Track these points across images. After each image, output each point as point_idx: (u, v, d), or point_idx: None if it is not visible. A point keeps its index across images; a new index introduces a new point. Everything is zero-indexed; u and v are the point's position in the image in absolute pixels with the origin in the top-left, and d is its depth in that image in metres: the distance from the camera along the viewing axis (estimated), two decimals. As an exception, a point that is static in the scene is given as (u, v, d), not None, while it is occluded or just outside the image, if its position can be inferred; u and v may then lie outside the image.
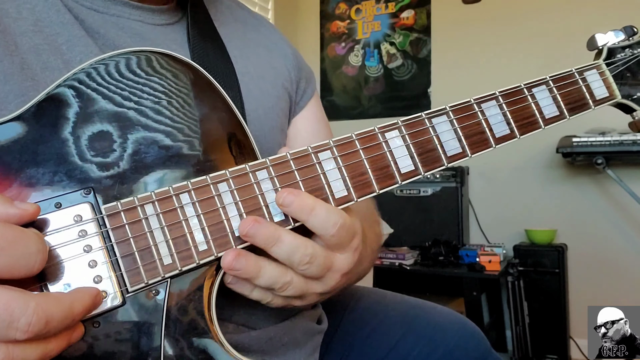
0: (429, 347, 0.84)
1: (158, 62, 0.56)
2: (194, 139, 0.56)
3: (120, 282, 0.50)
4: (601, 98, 0.72)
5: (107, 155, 0.52)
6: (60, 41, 0.63)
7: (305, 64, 0.95)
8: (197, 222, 0.52)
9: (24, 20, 0.62)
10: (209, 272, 0.54)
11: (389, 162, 0.60)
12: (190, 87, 0.57)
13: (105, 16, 0.69)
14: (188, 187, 0.53)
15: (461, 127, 0.64)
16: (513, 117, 0.66)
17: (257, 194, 0.55)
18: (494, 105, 0.66)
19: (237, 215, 0.54)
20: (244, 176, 0.55)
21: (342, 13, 3.59)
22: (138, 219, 0.51)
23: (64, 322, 0.42)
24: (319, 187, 0.57)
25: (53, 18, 0.64)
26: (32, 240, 0.43)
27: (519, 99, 0.67)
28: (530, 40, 2.97)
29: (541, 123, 0.68)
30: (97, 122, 0.53)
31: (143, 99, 0.55)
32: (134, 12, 0.72)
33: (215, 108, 0.58)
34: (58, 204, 0.49)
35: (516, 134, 0.66)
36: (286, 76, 0.87)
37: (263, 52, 0.86)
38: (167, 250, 0.51)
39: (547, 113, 0.68)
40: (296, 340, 0.75)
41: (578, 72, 0.71)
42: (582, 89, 0.71)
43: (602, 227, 2.87)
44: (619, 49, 0.76)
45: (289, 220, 0.56)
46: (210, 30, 0.80)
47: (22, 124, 0.51)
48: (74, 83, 0.53)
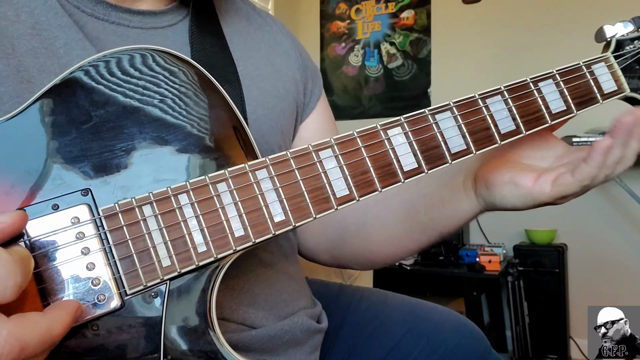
0: (430, 348, 0.84)
1: (156, 60, 0.56)
2: (193, 137, 0.55)
3: (118, 284, 0.49)
4: (609, 92, 0.70)
5: (105, 155, 0.52)
6: (58, 44, 0.63)
7: (310, 62, 0.94)
8: (196, 223, 0.52)
9: (22, 24, 0.62)
10: (209, 274, 0.53)
11: (392, 160, 0.59)
12: (189, 85, 0.56)
13: (105, 24, 0.69)
14: (187, 187, 0.52)
15: (465, 123, 0.62)
16: (519, 113, 0.65)
17: (257, 194, 0.54)
18: (499, 101, 0.64)
19: (237, 215, 0.53)
20: (244, 175, 0.54)
21: (342, 13, 3.58)
22: (136, 220, 0.50)
23: (41, 347, 0.41)
24: (319, 186, 0.56)
25: (52, 21, 0.63)
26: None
27: (525, 93, 0.66)
28: (531, 39, 2.96)
29: (548, 118, 0.66)
30: (93, 122, 0.52)
31: (142, 97, 0.54)
32: (134, 18, 0.71)
33: (215, 106, 0.57)
34: (55, 205, 0.49)
35: (522, 129, 0.65)
36: (289, 77, 0.86)
37: (265, 52, 0.85)
38: (166, 252, 0.50)
39: (553, 108, 0.66)
40: (296, 339, 0.75)
41: (586, 66, 0.69)
42: (590, 83, 0.69)
43: (602, 227, 2.85)
44: (628, 40, 0.74)
45: (290, 221, 0.55)
46: (214, 28, 0.79)
47: (17, 125, 0.50)
48: (68, 84, 0.53)
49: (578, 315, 2.76)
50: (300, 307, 0.79)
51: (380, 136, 0.59)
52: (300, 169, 0.56)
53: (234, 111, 0.58)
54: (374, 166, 0.58)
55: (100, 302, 0.48)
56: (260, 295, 0.73)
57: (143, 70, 0.55)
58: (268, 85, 0.81)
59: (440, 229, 0.78)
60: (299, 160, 0.56)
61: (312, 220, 0.56)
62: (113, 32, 0.69)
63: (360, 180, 0.57)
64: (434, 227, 0.78)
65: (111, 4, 0.70)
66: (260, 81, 0.80)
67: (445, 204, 0.76)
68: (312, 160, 0.57)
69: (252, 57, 0.81)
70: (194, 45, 0.74)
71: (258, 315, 0.72)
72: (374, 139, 0.59)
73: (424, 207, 0.78)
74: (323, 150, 0.57)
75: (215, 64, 0.74)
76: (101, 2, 0.69)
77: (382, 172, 0.58)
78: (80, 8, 0.67)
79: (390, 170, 0.59)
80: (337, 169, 0.57)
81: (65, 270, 0.48)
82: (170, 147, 0.54)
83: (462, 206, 0.75)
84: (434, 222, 0.77)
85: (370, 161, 0.58)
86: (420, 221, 0.78)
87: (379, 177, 0.58)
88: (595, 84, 0.69)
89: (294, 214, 0.55)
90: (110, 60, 0.54)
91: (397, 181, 0.59)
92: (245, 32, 0.84)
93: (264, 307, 0.73)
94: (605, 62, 0.71)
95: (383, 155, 0.59)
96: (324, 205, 0.56)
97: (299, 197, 0.55)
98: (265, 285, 0.75)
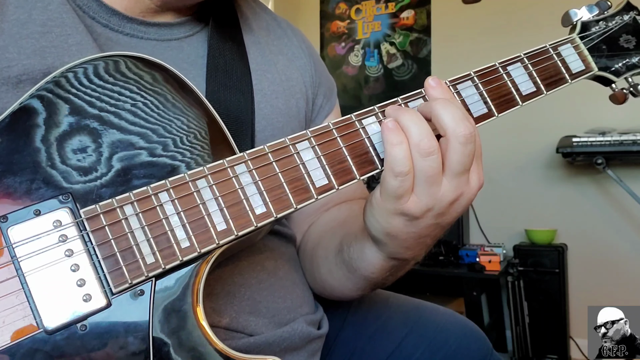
0: (432, 349, 0.84)
1: (128, 66, 0.57)
2: (169, 138, 0.56)
3: (103, 283, 0.49)
4: (578, 71, 0.72)
5: (84, 160, 0.53)
6: (71, 42, 0.63)
7: (326, 77, 0.92)
8: (178, 219, 0.52)
9: (32, 22, 0.61)
10: (194, 270, 0.53)
11: (368, 149, 0.60)
12: (164, 88, 0.57)
13: (119, 35, 0.69)
14: (166, 185, 0.53)
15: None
16: (490, 96, 0.66)
17: (237, 188, 0.55)
18: (469, 86, 0.66)
19: (218, 210, 0.54)
20: (223, 171, 0.55)
21: (342, 13, 3.60)
22: (118, 220, 0.51)
23: None
24: (299, 177, 0.57)
25: (66, 20, 0.63)
26: None
27: (494, 77, 0.67)
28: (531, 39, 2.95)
29: (518, 100, 0.67)
30: (71, 128, 0.53)
31: (117, 102, 0.55)
32: (149, 29, 0.71)
33: (190, 107, 0.58)
34: (37, 211, 0.50)
35: (494, 112, 0.66)
36: (303, 92, 0.85)
37: (283, 66, 0.83)
38: (149, 249, 0.51)
39: (523, 90, 0.68)
40: (294, 345, 0.74)
41: (552, 47, 0.72)
42: (558, 64, 0.71)
43: (602, 227, 2.84)
44: (593, 22, 0.76)
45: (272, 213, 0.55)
46: (236, 36, 0.78)
47: None
48: (44, 93, 0.54)
49: (578, 315, 2.75)
50: (301, 313, 0.78)
51: (355, 126, 0.61)
52: (278, 161, 0.57)
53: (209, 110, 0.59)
54: (350, 155, 0.59)
55: (86, 302, 0.48)
56: (262, 303, 0.73)
57: (115, 77, 0.56)
58: (281, 102, 0.80)
59: (361, 271, 0.71)
60: (277, 153, 0.57)
61: (293, 211, 0.56)
62: (127, 44, 0.69)
63: (339, 169, 0.58)
64: (354, 267, 0.72)
65: (127, 16, 0.69)
66: (273, 98, 0.79)
67: (357, 242, 0.71)
68: (290, 152, 0.58)
69: (268, 71, 0.80)
70: (212, 52, 0.73)
71: (258, 323, 0.71)
72: (349, 129, 0.60)
73: (346, 246, 0.73)
74: (300, 142, 0.58)
75: (232, 74, 0.73)
76: (117, 13, 0.69)
77: (359, 160, 0.59)
78: (96, 19, 0.67)
79: (367, 159, 0.60)
80: (315, 160, 0.58)
81: (49, 273, 0.48)
82: (146, 149, 0.55)
83: (366, 248, 0.69)
84: (353, 261, 0.72)
85: (347, 150, 0.59)
86: (345, 260, 0.73)
87: (357, 165, 0.59)
88: (563, 65, 0.71)
89: (274, 205, 0.56)
90: (79, 70, 0.55)
91: (374, 168, 0.60)
92: (264, 43, 0.83)
93: (265, 314, 0.73)
94: (572, 43, 0.73)
95: (360, 144, 0.60)
96: (304, 195, 0.57)
97: (278, 189, 0.56)
98: (268, 292, 0.74)
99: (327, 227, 0.83)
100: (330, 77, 0.94)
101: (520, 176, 3.01)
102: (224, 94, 0.71)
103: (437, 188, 0.57)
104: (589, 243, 2.85)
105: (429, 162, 0.56)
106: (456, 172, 0.57)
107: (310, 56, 0.89)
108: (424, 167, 0.56)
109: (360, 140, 0.60)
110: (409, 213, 0.58)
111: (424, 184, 0.56)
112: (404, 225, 0.60)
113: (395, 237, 0.62)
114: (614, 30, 0.76)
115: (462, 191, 0.59)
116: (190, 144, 0.57)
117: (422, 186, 0.57)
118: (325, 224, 0.84)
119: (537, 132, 2.81)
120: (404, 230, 0.60)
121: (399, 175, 0.56)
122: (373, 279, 0.72)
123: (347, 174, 0.59)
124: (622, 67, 0.75)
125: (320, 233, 0.83)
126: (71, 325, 0.48)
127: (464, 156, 0.56)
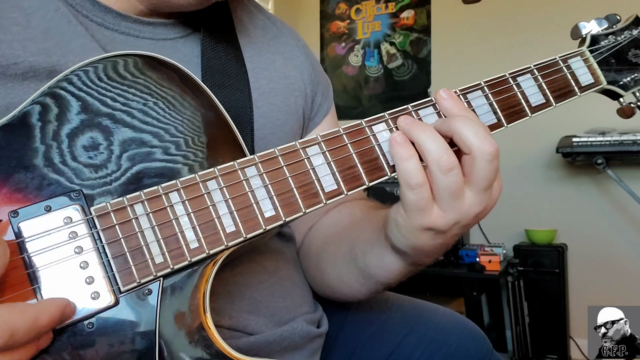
0: (431, 349, 0.84)
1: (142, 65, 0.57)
2: (181, 138, 0.56)
3: (112, 282, 0.50)
4: (587, 84, 0.73)
5: (95, 157, 0.53)
6: (74, 45, 0.63)
7: (323, 76, 0.93)
8: (188, 220, 0.53)
9: (33, 29, 0.61)
10: (202, 270, 0.54)
11: (378, 155, 0.60)
12: (176, 89, 0.57)
13: (115, 33, 0.68)
14: (177, 185, 0.53)
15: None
16: (500, 106, 0.66)
17: (247, 191, 0.55)
18: (480, 96, 0.66)
19: (228, 212, 0.54)
20: (233, 173, 0.55)
21: (342, 13, 3.59)
22: (128, 219, 0.51)
23: (29, 334, 0.43)
24: (309, 182, 0.57)
25: (65, 28, 0.63)
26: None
27: (505, 88, 0.67)
28: (530, 40, 2.95)
29: (528, 111, 0.68)
30: (83, 125, 0.53)
31: (129, 101, 0.55)
32: (144, 28, 0.71)
33: (201, 107, 0.58)
34: (47, 207, 0.50)
35: (503, 122, 0.66)
36: (302, 90, 0.85)
37: (280, 64, 0.83)
38: (159, 249, 0.51)
39: (533, 101, 0.68)
40: (295, 345, 0.75)
41: (562, 60, 0.72)
42: (567, 77, 0.71)
43: (602, 227, 2.85)
44: (603, 36, 0.76)
45: (281, 217, 0.56)
46: (230, 37, 0.78)
47: (9, 131, 0.51)
48: (57, 90, 0.53)
49: (578, 315, 2.76)
50: (301, 312, 0.78)
51: (366, 132, 0.61)
52: (289, 165, 0.57)
53: (221, 111, 0.59)
54: (360, 161, 0.60)
55: (94, 300, 0.49)
56: (262, 302, 0.73)
57: (127, 76, 0.56)
58: (280, 100, 0.80)
59: (377, 277, 0.72)
60: (287, 157, 0.57)
61: (302, 215, 0.57)
62: (122, 42, 0.68)
63: (348, 175, 0.59)
64: (370, 274, 0.72)
65: (121, 14, 0.69)
66: (272, 96, 0.79)
67: (374, 250, 0.71)
68: (301, 157, 0.58)
69: (266, 69, 0.80)
70: (205, 54, 0.73)
71: (258, 322, 0.72)
72: (359, 135, 0.61)
73: (361, 253, 0.73)
74: (310, 147, 0.59)
75: (228, 73, 0.73)
76: (111, 11, 0.68)
77: (369, 167, 0.60)
78: (90, 17, 0.67)
79: (376, 165, 0.60)
80: (325, 166, 0.58)
81: (59, 270, 0.48)
82: (159, 148, 0.55)
83: (386, 257, 0.69)
84: (370, 269, 0.72)
85: (357, 156, 0.60)
86: (359, 267, 0.73)
87: (366, 171, 0.60)
88: (573, 78, 0.72)
89: (283, 209, 0.56)
90: (91, 69, 0.55)
91: (383, 175, 0.60)
92: (260, 43, 0.83)
93: (264, 314, 0.73)
94: (581, 56, 0.74)
95: (369, 151, 0.60)
96: (313, 200, 0.57)
97: (288, 193, 0.56)
98: (268, 292, 0.75)
99: (331, 232, 0.83)
100: (326, 76, 0.95)
101: (520, 176, 3.01)
102: (222, 93, 0.70)
103: (461, 202, 0.58)
104: (589, 243, 2.86)
105: (451, 177, 0.56)
106: (483, 187, 0.58)
107: (307, 55, 0.90)
108: (447, 183, 0.56)
109: (370, 147, 0.60)
110: (436, 227, 0.59)
111: (448, 199, 0.57)
112: (431, 238, 0.60)
113: (422, 249, 0.63)
114: (623, 44, 0.76)
115: (487, 203, 0.60)
116: (201, 144, 0.57)
117: (447, 201, 0.57)
118: (329, 228, 0.85)
119: (537, 132, 2.80)
120: (430, 243, 0.61)
121: (415, 187, 0.56)
122: (389, 284, 0.73)
123: (356, 180, 0.59)
124: (631, 82, 0.76)
125: (325, 238, 0.83)
126: (78, 323, 0.48)
127: (490, 172, 0.57)
